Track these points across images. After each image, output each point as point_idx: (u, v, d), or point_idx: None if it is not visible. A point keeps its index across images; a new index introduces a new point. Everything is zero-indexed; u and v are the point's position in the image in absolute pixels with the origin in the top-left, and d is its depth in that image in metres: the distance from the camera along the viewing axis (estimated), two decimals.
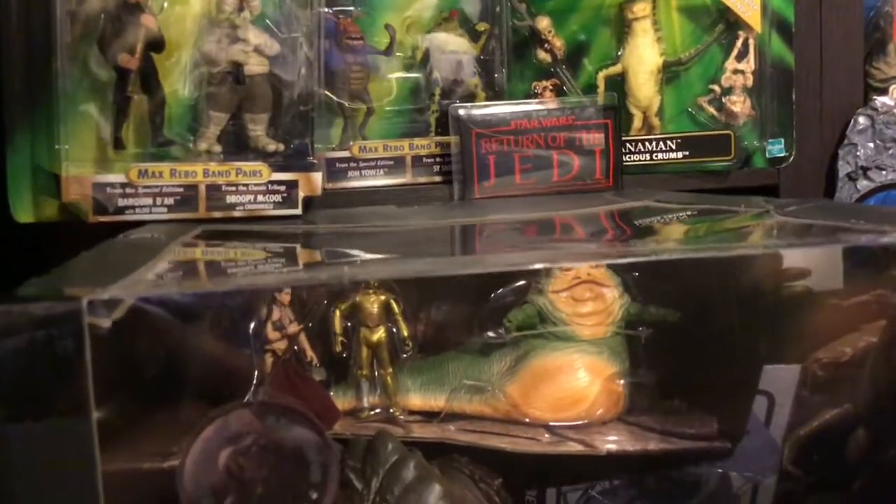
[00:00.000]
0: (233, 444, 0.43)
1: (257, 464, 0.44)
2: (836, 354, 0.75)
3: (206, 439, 0.42)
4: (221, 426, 0.42)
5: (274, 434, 0.44)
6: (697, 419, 0.79)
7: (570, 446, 0.76)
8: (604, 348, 0.80)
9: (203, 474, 0.43)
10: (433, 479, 0.64)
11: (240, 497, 0.43)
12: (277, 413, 0.45)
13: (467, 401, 0.82)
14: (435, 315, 0.88)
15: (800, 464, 0.81)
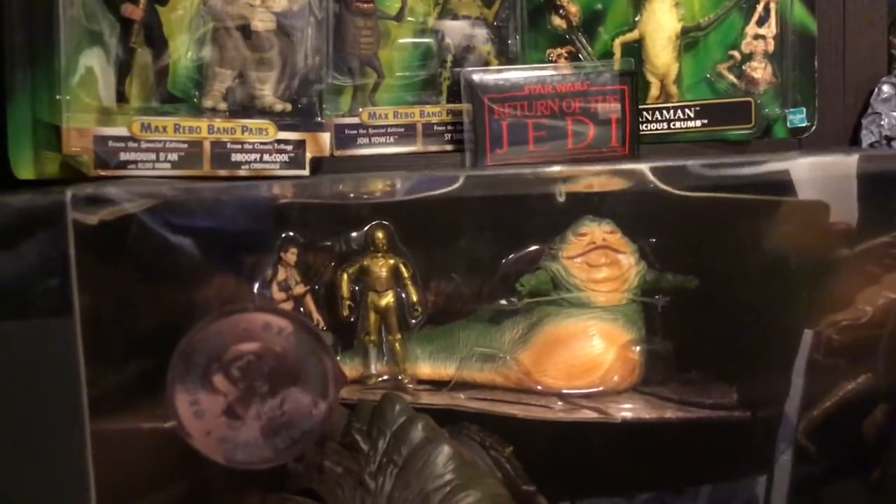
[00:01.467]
0: (229, 352, 0.41)
1: (254, 374, 0.41)
2: (853, 315, 0.72)
3: (200, 346, 0.40)
4: (217, 332, 0.40)
5: (273, 343, 0.41)
6: (716, 389, 0.77)
7: (583, 414, 0.73)
8: (619, 315, 0.78)
9: (195, 384, 0.41)
10: (441, 441, 0.62)
11: (236, 409, 0.41)
12: (277, 321, 0.42)
13: (478, 369, 0.80)
14: (445, 285, 0.86)
15: (816, 443, 0.78)
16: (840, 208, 0.67)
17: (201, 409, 0.41)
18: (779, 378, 0.76)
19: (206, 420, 0.41)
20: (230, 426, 0.41)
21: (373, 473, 0.62)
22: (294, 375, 0.42)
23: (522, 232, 0.80)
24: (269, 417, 0.42)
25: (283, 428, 0.42)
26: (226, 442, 0.42)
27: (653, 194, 0.72)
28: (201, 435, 0.41)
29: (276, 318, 0.41)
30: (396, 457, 0.62)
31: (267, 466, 0.44)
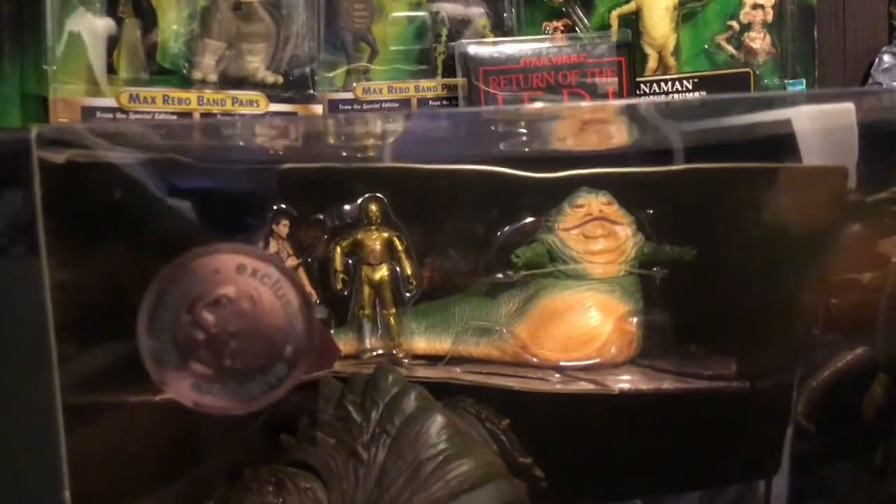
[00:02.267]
0: (201, 295, 0.40)
1: (228, 318, 0.40)
2: (850, 282, 0.71)
3: (170, 288, 0.39)
4: (189, 274, 0.39)
5: (248, 286, 0.40)
6: (715, 361, 0.75)
7: (580, 385, 0.72)
8: (616, 287, 0.77)
9: (166, 327, 0.40)
10: (435, 410, 0.61)
11: (208, 353, 0.40)
12: (252, 263, 0.41)
13: (474, 343, 0.79)
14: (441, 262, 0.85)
15: (814, 420, 0.77)
16: (841, 162, 0.65)
17: (171, 350, 0.40)
18: (778, 350, 0.74)
19: (176, 364, 0.40)
20: (201, 370, 0.40)
21: (366, 444, 0.61)
22: (269, 319, 0.41)
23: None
24: (243, 362, 0.41)
25: (257, 373, 0.41)
26: (197, 387, 0.41)
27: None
28: (171, 379, 0.40)
29: (251, 259, 0.40)
30: (389, 427, 0.61)
31: (240, 413, 0.43)
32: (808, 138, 0.65)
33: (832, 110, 0.64)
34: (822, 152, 0.66)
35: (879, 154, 0.64)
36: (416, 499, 0.58)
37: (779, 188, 0.76)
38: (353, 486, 0.59)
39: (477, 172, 0.79)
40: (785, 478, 0.77)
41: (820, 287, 0.74)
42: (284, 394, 0.42)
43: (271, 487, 0.59)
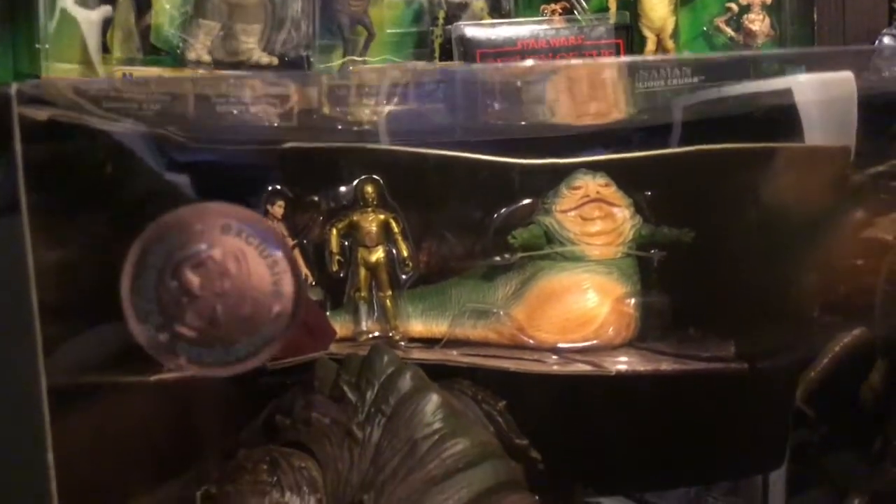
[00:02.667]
0: (185, 255, 0.39)
1: (213, 279, 0.40)
2: (849, 264, 0.70)
3: (153, 248, 0.38)
4: (172, 233, 0.38)
5: (233, 246, 0.40)
6: (714, 343, 0.75)
7: (577, 367, 0.71)
8: (614, 269, 0.76)
9: (149, 287, 0.39)
10: (430, 390, 0.61)
11: (193, 315, 0.40)
12: (237, 222, 0.40)
13: (471, 326, 0.78)
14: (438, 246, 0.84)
15: (813, 406, 0.77)
16: (842, 134, 0.64)
17: (155, 312, 0.40)
18: (777, 332, 0.74)
19: (159, 324, 0.40)
20: (186, 332, 0.39)
21: (360, 424, 0.61)
22: (255, 280, 0.40)
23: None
24: (228, 323, 0.40)
25: (243, 335, 0.41)
26: (182, 349, 0.40)
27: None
28: (155, 340, 0.40)
29: (237, 218, 0.39)
30: (384, 406, 0.61)
31: (225, 374, 0.43)
32: (809, 109, 0.65)
33: (832, 79, 0.63)
34: (822, 123, 0.65)
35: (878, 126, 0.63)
36: (412, 478, 0.57)
37: (779, 169, 0.75)
38: (348, 466, 0.59)
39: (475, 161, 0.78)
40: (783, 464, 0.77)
41: (819, 270, 0.73)
42: (271, 356, 0.42)
43: (265, 466, 0.59)
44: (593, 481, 0.77)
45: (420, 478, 0.57)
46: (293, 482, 0.58)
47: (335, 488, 0.59)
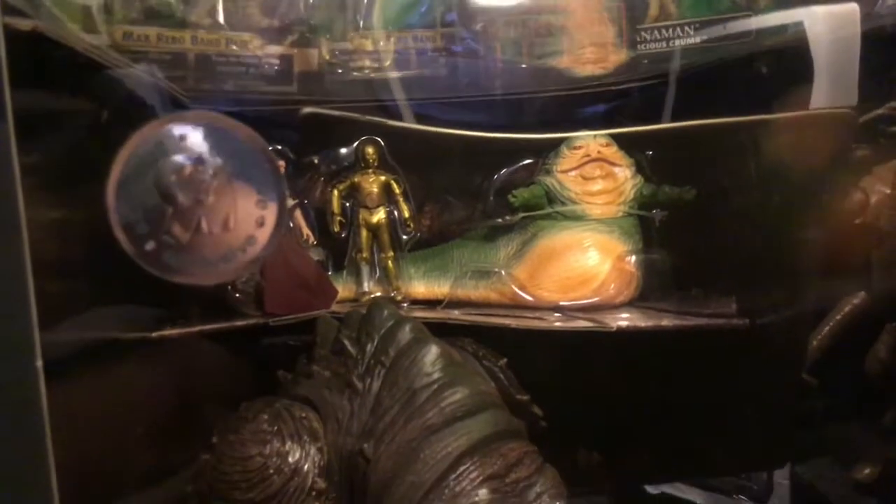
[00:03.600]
0: (168, 163, 0.39)
1: (196, 187, 0.40)
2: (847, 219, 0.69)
3: (137, 155, 0.38)
4: (155, 141, 0.38)
5: (213, 153, 0.40)
6: (715, 301, 0.75)
7: (578, 324, 0.71)
8: (615, 228, 0.76)
9: (134, 196, 0.39)
10: (429, 341, 0.61)
11: (176, 223, 0.40)
12: (213, 128, 0.40)
13: (472, 287, 0.78)
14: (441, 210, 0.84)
15: (817, 377, 0.77)
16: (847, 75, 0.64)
17: (141, 221, 0.40)
18: (777, 288, 0.74)
19: (146, 235, 0.40)
20: (169, 240, 0.39)
21: (360, 375, 0.61)
22: (239, 188, 0.40)
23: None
24: (212, 231, 0.40)
25: (227, 243, 0.41)
26: (168, 256, 0.40)
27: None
28: (142, 253, 0.40)
29: (220, 126, 0.39)
30: (384, 358, 0.61)
31: (208, 283, 0.43)
32: (819, 42, 0.64)
33: (840, 11, 0.62)
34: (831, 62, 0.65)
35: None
36: (411, 426, 0.57)
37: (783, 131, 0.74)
38: (349, 416, 0.59)
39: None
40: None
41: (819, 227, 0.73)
42: (255, 265, 0.42)
43: (266, 416, 0.59)
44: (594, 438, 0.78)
45: (419, 426, 0.57)
46: (294, 431, 0.58)
47: (335, 438, 0.59)
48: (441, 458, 0.56)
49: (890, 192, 0.67)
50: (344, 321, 0.67)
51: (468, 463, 0.56)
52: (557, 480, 0.58)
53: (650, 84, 0.76)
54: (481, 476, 0.55)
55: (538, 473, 0.58)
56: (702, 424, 0.77)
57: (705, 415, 0.76)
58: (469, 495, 0.55)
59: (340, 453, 0.59)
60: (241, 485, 0.57)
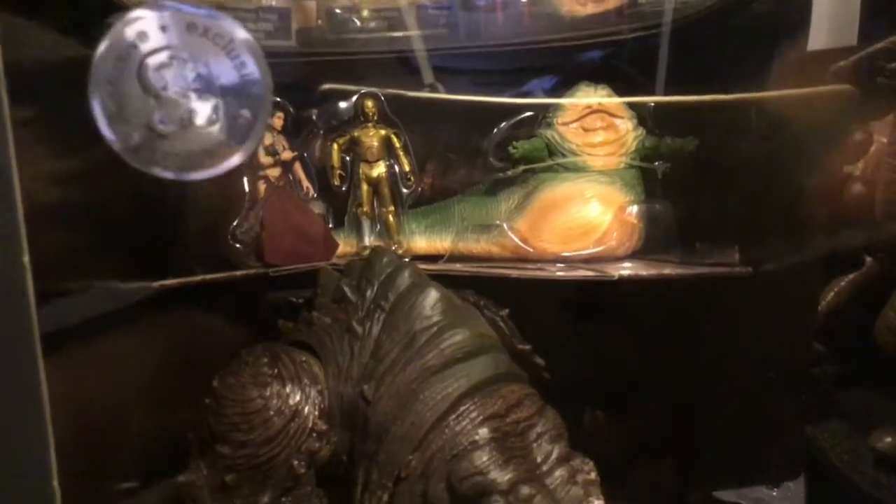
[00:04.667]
0: (149, 53, 0.38)
1: (181, 77, 0.39)
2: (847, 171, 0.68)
3: (115, 48, 0.38)
4: (136, 30, 0.38)
5: (199, 46, 0.39)
6: (718, 251, 0.74)
7: (580, 273, 0.71)
8: (616, 179, 0.76)
9: (117, 89, 0.39)
10: (429, 285, 0.61)
11: (163, 114, 0.39)
12: (203, 21, 0.40)
13: (474, 241, 0.78)
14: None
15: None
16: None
17: (127, 117, 0.39)
18: (781, 238, 0.73)
19: (132, 129, 0.39)
20: (157, 133, 0.39)
21: (360, 320, 0.61)
22: (223, 77, 0.40)
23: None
24: (198, 121, 0.40)
25: (220, 141, 0.40)
26: (157, 151, 0.40)
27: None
28: (128, 147, 0.39)
29: (202, 18, 0.39)
30: (384, 302, 0.61)
31: (200, 177, 0.42)
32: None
33: None
34: None
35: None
36: (411, 368, 0.57)
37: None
38: (349, 360, 0.59)
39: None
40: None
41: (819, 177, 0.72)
42: (241, 160, 0.41)
43: (266, 359, 0.59)
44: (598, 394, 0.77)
45: (419, 368, 0.57)
46: (294, 374, 0.58)
47: (336, 381, 0.59)
48: (441, 399, 0.56)
49: (888, 141, 0.66)
50: (344, 271, 0.66)
51: (468, 403, 0.56)
52: (558, 422, 0.58)
53: (648, 28, 0.75)
54: (481, 416, 0.55)
55: (539, 415, 0.58)
56: (710, 384, 0.76)
57: (715, 372, 0.75)
58: (469, 434, 0.55)
59: (341, 396, 0.59)
60: (242, 426, 0.57)
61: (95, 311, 0.59)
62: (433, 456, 0.55)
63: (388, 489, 0.56)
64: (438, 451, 0.55)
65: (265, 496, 0.57)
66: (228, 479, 0.57)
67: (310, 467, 0.57)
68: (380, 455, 0.56)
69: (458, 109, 0.81)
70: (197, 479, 0.59)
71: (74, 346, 0.53)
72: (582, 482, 0.55)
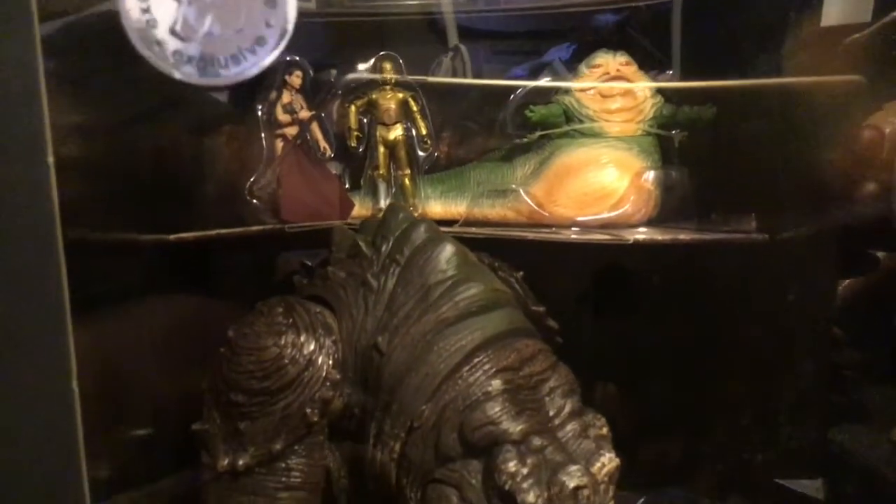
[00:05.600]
0: None
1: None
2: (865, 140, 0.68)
3: None
4: None
5: None
6: (735, 219, 0.74)
7: (595, 236, 0.71)
8: (633, 145, 0.76)
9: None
10: (444, 240, 0.61)
11: (185, 25, 0.39)
12: None
13: (489, 206, 0.78)
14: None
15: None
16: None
17: (152, 20, 0.39)
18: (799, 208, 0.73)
19: (156, 32, 0.39)
20: (180, 38, 0.39)
21: (375, 274, 0.61)
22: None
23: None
24: (222, 29, 0.39)
25: (242, 48, 0.40)
26: (180, 56, 0.40)
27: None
28: (153, 53, 0.39)
29: None
30: (399, 257, 0.61)
31: (222, 84, 0.42)
32: None
33: None
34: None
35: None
36: (425, 320, 0.57)
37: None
38: (363, 313, 0.59)
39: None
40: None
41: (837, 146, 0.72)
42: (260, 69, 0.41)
43: (281, 309, 0.59)
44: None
45: (433, 320, 0.57)
46: (308, 324, 0.59)
47: (350, 334, 0.59)
48: (455, 351, 0.56)
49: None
50: (360, 228, 0.67)
51: (482, 355, 0.56)
52: (571, 378, 0.58)
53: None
54: (495, 368, 0.55)
55: (552, 370, 0.58)
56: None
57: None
58: (482, 385, 0.55)
59: (355, 348, 0.59)
60: (257, 374, 0.57)
61: (115, 260, 0.60)
62: (446, 406, 0.55)
63: (400, 439, 0.56)
64: (451, 402, 0.55)
65: (278, 443, 0.57)
66: (242, 426, 0.58)
67: (323, 416, 0.57)
68: (392, 406, 0.57)
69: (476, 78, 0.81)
70: (211, 427, 0.60)
71: (97, 293, 0.53)
72: (594, 436, 0.55)
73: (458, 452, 0.54)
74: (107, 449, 0.58)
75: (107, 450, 0.58)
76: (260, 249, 0.71)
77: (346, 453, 0.61)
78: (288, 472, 0.58)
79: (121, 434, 0.60)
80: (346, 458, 0.61)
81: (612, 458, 0.54)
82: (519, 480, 0.52)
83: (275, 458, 0.58)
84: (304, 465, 0.58)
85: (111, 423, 0.58)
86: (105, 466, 0.56)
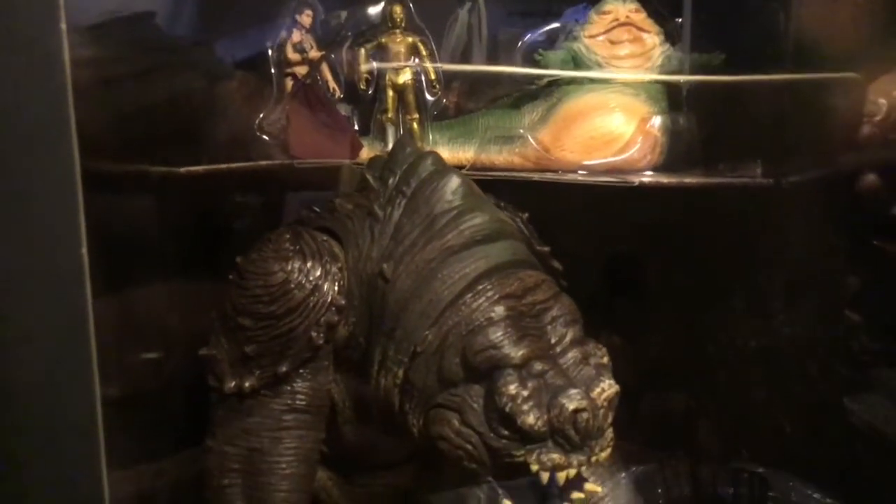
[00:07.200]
0: None
1: None
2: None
3: None
4: None
5: None
6: (741, 165, 0.74)
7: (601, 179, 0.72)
8: (641, 91, 0.76)
9: None
10: (451, 172, 0.61)
11: None
12: None
13: (496, 152, 0.79)
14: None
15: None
16: None
17: None
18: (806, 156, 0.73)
19: None
20: None
21: (382, 204, 0.61)
22: None
23: None
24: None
25: None
26: None
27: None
28: None
29: None
30: (405, 188, 0.61)
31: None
32: None
33: None
34: None
35: None
36: (430, 247, 0.58)
37: None
38: (369, 242, 0.60)
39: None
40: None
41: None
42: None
43: (289, 237, 0.60)
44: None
45: (438, 247, 0.58)
46: (315, 250, 0.59)
47: (356, 262, 0.60)
48: (459, 278, 0.57)
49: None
50: (368, 164, 0.67)
51: (485, 283, 0.57)
52: (573, 308, 0.59)
53: None
54: (498, 294, 0.56)
55: (554, 300, 0.58)
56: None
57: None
58: (485, 311, 0.55)
59: (360, 277, 0.60)
60: (264, 298, 0.58)
61: (129, 189, 0.61)
62: (449, 331, 0.56)
63: (403, 364, 0.57)
64: (454, 327, 0.56)
65: (283, 366, 0.58)
66: (248, 349, 0.58)
67: (328, 340, 0.58)
68: (396, 332, 0.57)
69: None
70: (218, 352, 0.61)
71: (110, 217, 0.54)
72: (594, 364, 0.56)
73: (461, 377, 0.55)
74: (118, 372, 0.59)
75: (118, 372, 0.59)
76: (270, 186, 0.72)
77: (352, 385, 0.62)
78: (293, 395, 0.59)
79: (130, 355, 0.61)
80: (351, 390, 0.62)
81: (612, 384, 0.54)
82: (519, 402, 0.52)
83: (280, 381, 0.59)
84: (310, 389, 0.59)
85: (121, 345, 0.58)
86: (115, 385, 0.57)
